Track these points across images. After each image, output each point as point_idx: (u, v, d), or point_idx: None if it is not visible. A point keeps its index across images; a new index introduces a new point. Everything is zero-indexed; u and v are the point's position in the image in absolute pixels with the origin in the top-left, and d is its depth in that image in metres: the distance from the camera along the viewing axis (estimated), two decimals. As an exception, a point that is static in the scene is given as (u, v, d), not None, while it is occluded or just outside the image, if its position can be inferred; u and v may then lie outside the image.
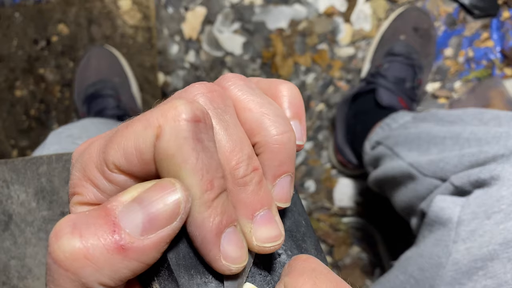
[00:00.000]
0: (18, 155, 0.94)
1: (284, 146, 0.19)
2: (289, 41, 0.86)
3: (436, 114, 0.60)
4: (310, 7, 0.85)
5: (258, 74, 0.87)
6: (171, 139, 0.15)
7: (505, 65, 0.85)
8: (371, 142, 0.71)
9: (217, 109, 0.18)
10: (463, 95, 0.85)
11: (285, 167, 0.19)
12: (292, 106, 0.21)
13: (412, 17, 0.80)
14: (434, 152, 0.53)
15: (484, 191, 0.42)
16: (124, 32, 0.86)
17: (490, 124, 0.50)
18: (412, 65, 0.78)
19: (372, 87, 0.77)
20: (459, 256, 0.41)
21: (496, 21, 0.84)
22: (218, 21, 0.86)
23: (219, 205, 0.16)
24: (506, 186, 0.40)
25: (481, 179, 0.42)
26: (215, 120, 0.18)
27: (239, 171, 0.17)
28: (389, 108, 0.75)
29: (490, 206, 0.40)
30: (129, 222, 0.15)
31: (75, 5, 0.86)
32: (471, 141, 0.48)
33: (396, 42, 0.79)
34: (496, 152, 0.43)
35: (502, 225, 0.38)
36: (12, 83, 0.91)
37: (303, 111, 0.21)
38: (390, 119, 0.70)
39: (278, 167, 0.19)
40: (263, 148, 0.19)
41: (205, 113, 0.16)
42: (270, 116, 0.19)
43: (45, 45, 0.89)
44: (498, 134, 0.45)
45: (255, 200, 0.18)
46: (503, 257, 0.37)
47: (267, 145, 0.19)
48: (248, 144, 0.18)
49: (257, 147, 0.19)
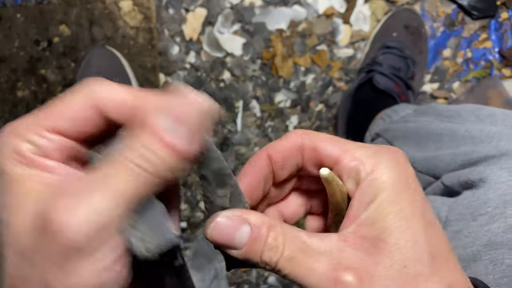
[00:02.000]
0: (20, 155, 0.94)
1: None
2: (288, 42, 0.86)
3: (436, 108, 0.60)
4: (309, 8, 0.86)
5: (258, 74, 0.88)
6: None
7: (504, 65, 0.85)
8: (372, 134, 0.72)
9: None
10: (462, 95, 0.86)
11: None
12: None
13: (403, 17, 0.82)
14: (431, 149, 0.53)
15: (472, 193, 0.42)
16: (125, 33, 0.87)
17: (486, 121, 0.50)
18: (405, 58, 0.79)
19: (371, 75, 0.78)
20: None
21: (495, 22, 0.85)
22: (218, 22, 0.86)
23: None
24: (493, 189, 0.40)
25: (470, 181, 0.42)
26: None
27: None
28: (386, 93, 0.76)
29: (476, 208, 0.40)
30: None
31: (77, 6, 0.86)
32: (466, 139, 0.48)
33: (389, 38, 0.81)
34: (488, 153, 0.43)
35: (486, 227, 0.38)
36: (13, 83, 0.91)
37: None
38: (392, 111, 0.71)
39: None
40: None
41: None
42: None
43: (47, 45, 0.89)
44: (491, 133, 0.45)
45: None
46: (485, 258, 0.36)
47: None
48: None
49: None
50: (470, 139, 0.48)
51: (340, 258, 0.22)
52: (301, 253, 0.22)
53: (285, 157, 0.25)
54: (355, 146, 0.24)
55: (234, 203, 0.24)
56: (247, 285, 0.93)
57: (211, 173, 0.23)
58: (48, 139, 0.20)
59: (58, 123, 0.20)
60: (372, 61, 0.80)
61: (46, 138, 0.20)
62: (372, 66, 0.79)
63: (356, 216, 0.23)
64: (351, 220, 0.23)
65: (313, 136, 0.25)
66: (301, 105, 0.89)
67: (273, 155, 0.25)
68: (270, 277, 0.93)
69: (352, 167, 0.24)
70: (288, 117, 0.89)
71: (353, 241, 0.22)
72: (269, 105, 0.89)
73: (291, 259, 0.22)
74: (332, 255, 0.22)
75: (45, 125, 0.20)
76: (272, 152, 0.25)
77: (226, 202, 0.24)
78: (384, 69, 0.77)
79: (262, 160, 0.26)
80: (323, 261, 0.22)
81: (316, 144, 0.25)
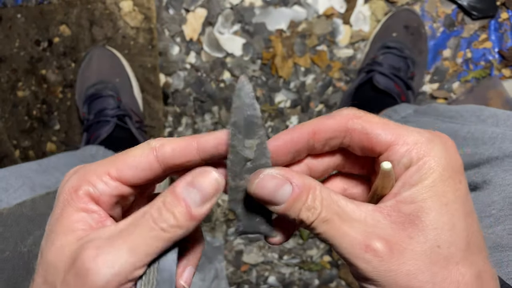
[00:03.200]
0: (20, 155, 0.94)
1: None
2: (288, 42, 0.86)
3: (437, 108, 0.60)
4: (309, 9, 0.86)
5: (258, 75, 0.88)
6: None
7: (503, 66, 0.85)
8: None
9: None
10: (461, 96, 0.86)
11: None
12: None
13: (402, 17, 0.82)
14: None
15: (476, 195, 0.41)
16: (125, 33, 0.87)
17: (487, 122, 0.49)
18: (405, 58, 0.79)
19: (371, 75, 0.78)
20: None
21: (494, 22, 0.85)
22: (218, 22, 0.86)
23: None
24: (497, 191, 0.40)
25: (474, 182, 0.42)
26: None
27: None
28: (386, 92, 0.76)
29: (481, 210, 0.40)
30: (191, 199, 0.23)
31: (77, 6, 0.87)
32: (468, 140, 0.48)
33: (389, 38, 0.81)
34: (491, 154, 0.43)
35: (491, 229, 0.38)
36: (14, 83, 0.92)
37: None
38: (392, 111, 0.71)
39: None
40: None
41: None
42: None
43: (47, 46, 0.89)
44: (494, 135, 0.45)
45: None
46: (490, 261, 0.36)
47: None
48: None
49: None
50: (472, 140, 0.47)
51: (374, 227, 0.23)
52: (336, 216, 0.23)
53: (329, 137, 0.26)
54: (408, 131, 0.24)
55: (258, 156, 0.25)
56: (247, 285, 0.94)
57: (243, 120, 0.24)
58: (105, 183, 0.25)
59: (122, 170, 0.25)
60: (372, 61, 0.80)
61: (103, 182, 0.25)
62: (372, 66, 0.79)
63: (397, 194, 0.24)
64: (391, 197, 0.24)
65: (365, 121, 0.25)
66: (301, 105, 0.89)
67: (318, 133, 0.26)
68: (270, 277, 0.93)
69: (403, 152, 0.24)
70: (288, 117, 0.90)
71: (389, 213, 0.23)
72: (269, 105, 0.89)
73: (326, 221, 0.23)
74: (367, 223, 0.23)
75: (107, 171, 0.25)
76: (317, 130, 0.26)
77: (251, 153, 0.25)
78: (384, 69, 0.78)
79: (302, 134, 0.26)
80: (357, 227, 0.23)
81: (368, 130, 0.25)
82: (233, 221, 0.93)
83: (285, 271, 0.94)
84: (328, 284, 0.93)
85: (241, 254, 0.93)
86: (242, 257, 0.93)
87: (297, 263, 0.93)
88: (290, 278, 0.94)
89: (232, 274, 0.93)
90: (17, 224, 0.39)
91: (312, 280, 0.93)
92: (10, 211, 0.39)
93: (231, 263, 0.93)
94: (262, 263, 0.93)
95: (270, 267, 0.94)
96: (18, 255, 0.38)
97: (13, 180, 0.47)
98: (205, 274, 0.90)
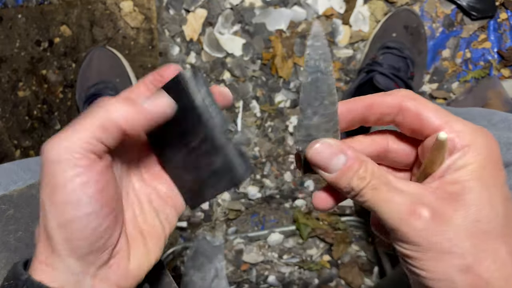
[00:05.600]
0: (21, 155, 0.95)
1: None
2: (288, 42, 0.86)
3: (446, 109, 0.59)
4: (309, 9, 0.86)
5: (258, 75, 0.88)
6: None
7: (502, 66, 0.85)
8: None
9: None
10: (461, 95, 0.86)
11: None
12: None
13: (402, 17, 0.83)
14: None
15: None
16: (125, 33, 0.87)
17: (499, 126, 0.48)
18: (405, 58, 0.80)
19: (371, 75, 0.78)
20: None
21: (494, 22, 0.85)
22: (218, 22, 0.87)
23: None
24: None
25: None
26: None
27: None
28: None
29: None
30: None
31: (77, 7, 0.87)
32: None
33: (389, 38, 0.81)
34: (508, 161, 0.42)
35: None
36: (15, 83, 0.92)
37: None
38: None
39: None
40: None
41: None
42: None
43: (48, 46, 0.90)
44: (510, 140, 0.44)
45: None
46: None
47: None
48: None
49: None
50: None
51: (420, 198, 0.25)
52: (385, 186, 0.25)
53: (384, 112, 0.28)
54: (456, 120, 0.26)
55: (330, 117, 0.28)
56: (247, 284, 0.94)
57: (316, 79, 0.27)
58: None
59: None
60: (372, 61, 0.81)
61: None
62: (372, 66, 0.80)
63: (441, 177, 0.26)
64: (435, 179, 0.26)
65: (420, 103, 0.27)
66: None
67: (374, 107, 0.28)
68: (270, 276, 0.94)
69: (449, 138, 0.25)
70: (288, 117, 0.90)
71: (434, 190, 0.25)
72: (269, 105, 0.89)
73: (375, 189, 0.25)
74: (413, 195, 0.25)
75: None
76: (374, 103, 0.28)
77: (334, 110, 0.28)
78: (384, 69, 0.78)
79: (359, 105, 0.28)
80: (404, 196, 0.25)
81: (421, 111, 0.27)
82: (233, 221, 0.93)
83: (285, 271, 0.94)
84: (328, 284, 0.93)
85: (241, 253, 0.93)
86: (242, 256, 0.93)
87: (297, 262, 0.93)
88: (290, 277, 0.94)
89: (232, 273, 0.94)
90: (28, 205, 0.40)
91: (312, 280, 0.94)
92: (21, 193, 0.40)
93: (231, 262, 0.93)
94: (262, 262, 0.94)
95: (270, 266, 0.94)
96: (31, 235, 0.39)
97: (22, 173, 0.48)
98: (205, 273, 0.90)
